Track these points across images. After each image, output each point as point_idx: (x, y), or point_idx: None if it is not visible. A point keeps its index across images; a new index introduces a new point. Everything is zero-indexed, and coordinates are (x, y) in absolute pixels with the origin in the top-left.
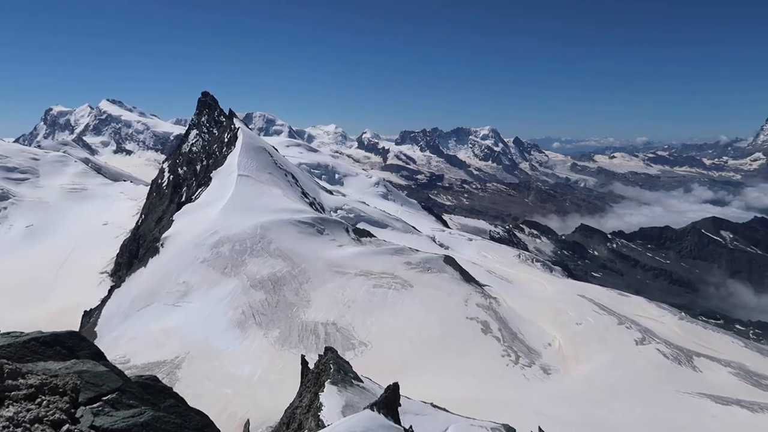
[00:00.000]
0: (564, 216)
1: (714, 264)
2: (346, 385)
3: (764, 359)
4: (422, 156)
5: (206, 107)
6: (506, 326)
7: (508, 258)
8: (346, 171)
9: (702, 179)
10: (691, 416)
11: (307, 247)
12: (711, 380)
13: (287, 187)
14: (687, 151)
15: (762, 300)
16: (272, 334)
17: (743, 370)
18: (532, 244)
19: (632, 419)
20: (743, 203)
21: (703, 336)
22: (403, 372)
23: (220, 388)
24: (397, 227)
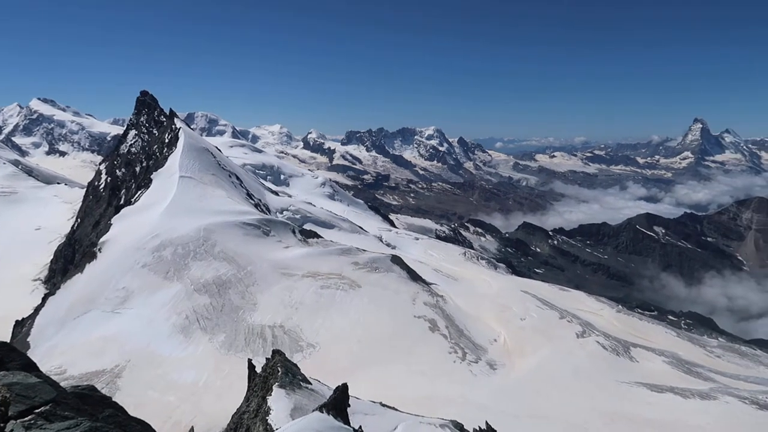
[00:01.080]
0: (507, 214)
1: (648, 258)
2: (294, 387)
3: (695, 348)
4: (368, 156)
5: (145, 107)
6: (453, 323)
7: (454, 256)
8: (292, 171)
9: (636, 177)
10: (629, 404)
11: (253, 249)
12: (647, 369)
13: (231, 188)
14: (622, 151)
15: (692, 291)
16: (218, 338)
17: (676, 358)
18: (477, 243)
19: (574, 409)
20: (674, 200)
21: (639, 327)
22: (352, 372)
23: (164, 396)
24: (344, 227)
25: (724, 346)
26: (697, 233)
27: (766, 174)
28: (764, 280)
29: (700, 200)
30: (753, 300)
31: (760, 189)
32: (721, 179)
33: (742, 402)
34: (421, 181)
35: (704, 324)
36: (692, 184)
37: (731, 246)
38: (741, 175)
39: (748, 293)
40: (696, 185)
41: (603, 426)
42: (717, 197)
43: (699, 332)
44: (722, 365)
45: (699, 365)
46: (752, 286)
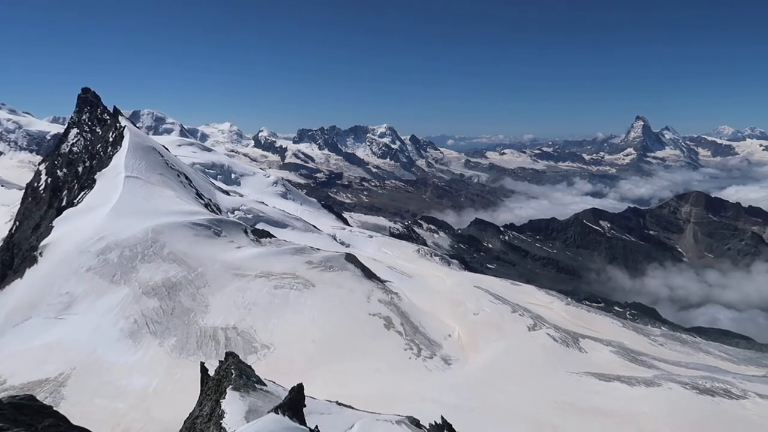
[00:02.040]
0: (460, 211)
1: (595, 252)
2: (249, 390)
3: (639, 337)
4: (321, 154)
5: (87, 104)
6: (408, 320)
7: (407, 253)
8: (243, 170)
9: (582, 173)
10: (578, 393)
11: (204, 250)
12: (595, 359)
13: (180, 188)
14: (569, 148)
15: (636, 283)
16: (168, 342)
17: (622, 348)
18: (431, 239)
19: (527, 400)
20: (618, 195)
21: (587, 319)
22: (308, 372)
23: (112, 404)
24: (298, 227)
25: (667, 334)
26: (640, 227)
27: (703, 169)
28: (702, 270)
29: (642, 195)
30: (692, 290)
31: (698, 183)
32: (662, 174)
33: (683, 388)
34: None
35: (648, 314)
36: (635, 179)
37: (672, 238)
38: (680, 171)
39: (688, 283)
40: (638, 180)
41: (554, 415)
42: (658, 192)
43: (643, 322)
44: (665, 353)
45: (643, 354)
46: (691, 277)
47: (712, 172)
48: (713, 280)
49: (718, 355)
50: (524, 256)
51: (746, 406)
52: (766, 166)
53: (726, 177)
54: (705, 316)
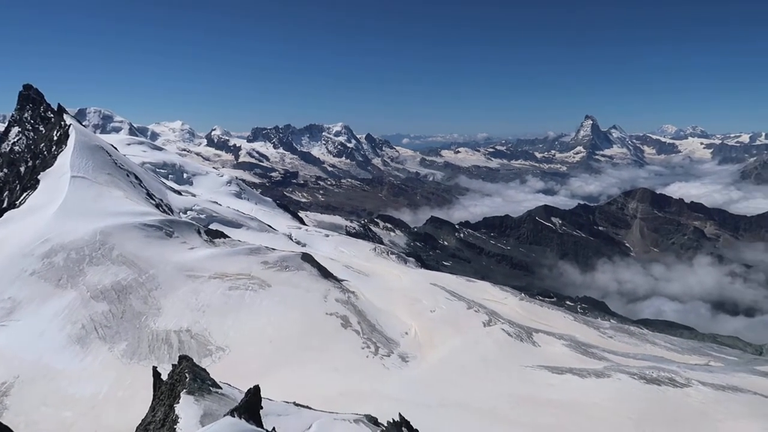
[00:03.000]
0: (415, 209)
1: (547, 248)
2: (203, 393)
3: (590, 330)
4: (276, 153)
5: (30, 102)
6: (365, 319)
7: (364, 252)
8: (196, 170)
9: (535, 171)
10: (532, 387)
11: (155, 252)
12: (548, 353)
13: (130, 188)
14: (521, 146)
15: (586, 278)
16: (119, 347)
17: (574, 341)
18: (387, 238)
19: (483, 394)
20: (569, 192)
21: (540, 313)
22: (265, 373)
23: (59, 412)
24: (252, 226)
25: (616, 327)
26: (589, 223)
27: (649, 167)
28: (648, 264)
29: (591, 192)
30: (639, 283)
31: (644, 180)
32: (610, 172)
33: (631, 378)
34: (330, 177)
35: (598, 307)
36: (585, 176)
37: (619, 234)
38: (627, 168)
39: (635, 277)
40: (588, 178)
41: (510, 409)
42: (606, 189)
43: (593, 315)
44: (614, 345)
45: (594, 346)
46: (638, 270)
47: (657, 170)
48: (658, 273)
49: (663, 346)
50: (479, 253)
51: (690, 394)
52: (707, 163)
53: (670, 174)
54: (651, 308)
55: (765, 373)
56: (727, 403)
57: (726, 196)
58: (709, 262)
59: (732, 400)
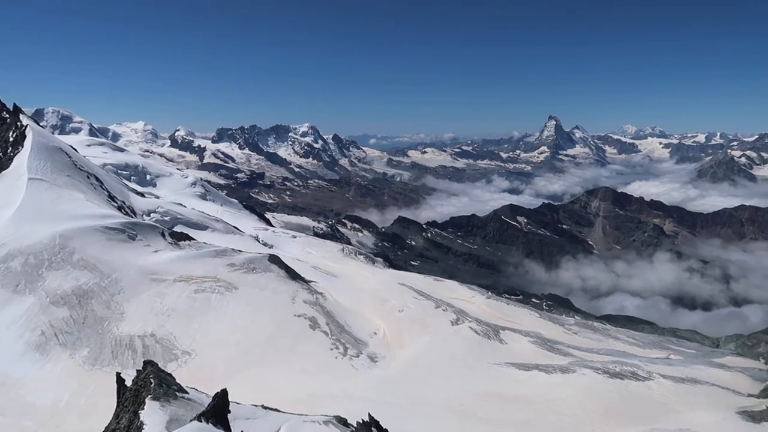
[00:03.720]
0: (383, 209)
1: (513, 246)
2: (169, 398)
3: (555, 327)
4: (241, 154)
5: None
6: (333, 320)
7: (332, 253)
8: (159, 171)
9: (500, 171)
10: (500, 383)
11: (118, 255)
12: (515, 350)
13: (90, 190)
14: (487, 146)
15: (551, 275)
16: (80, 353)
17: (540, 338)
18: (355, 238)
19: (451, 392)
20: (534, 191)
21: (507, 311)
22: (232, 377)
23: (19, 422)
24: (218, 228)
25: (580, 323)
26: (554, 221)
27: (610, 166)
28: (611, 261)
29: (555, 191)
30: (602, 280)
31: (606, 179)
32: (573, 171)
33: (595, 372)
34: (297, 178)
35: (563, 304)
36: (549, 176)
37: (583, 232)
38: (589, 168)
39: (598, 274)
40: (552, 177)
41: (478, 406)
42: (570, 188)
43: (558, 312)
44: (579, 341)
45: (559, 342)
46: (601, 267)
47: (618, 169)
48: (620, 270)
49: (626, 341)
50: (446, 252)
51: (651, 387)
52: (665, 162)
53: (630, 173)
54: (613, 304)
55: (721, 364)
56: (687, 395)
57: (684, 194)
58: (669, 258)
59: (691, 392)
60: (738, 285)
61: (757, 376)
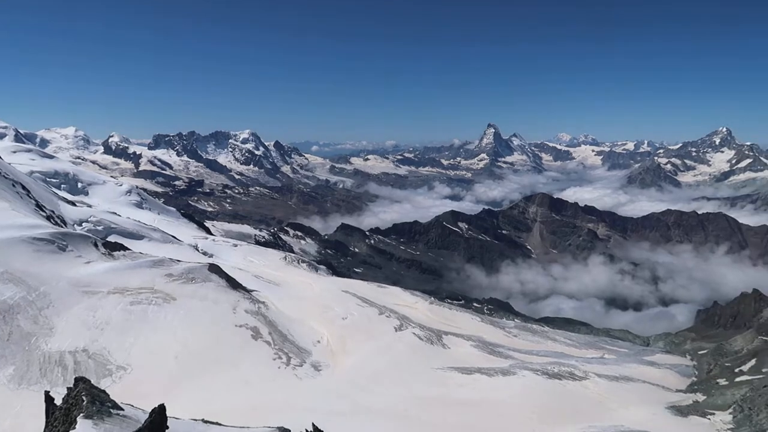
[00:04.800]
0: (326, 216)
1: (455, 252)
2: (103, 416)
3: (496, 330)
4: (179, 161)
5: None
6: (276, 329)
7: (274, 261)
8: (92, 179)
9: (441, 178)
10: (443, 388)
11: (47, 267)
12: (457, 354)
13: (16, 199)
14: (428, 153)
15: (492, 280)
16: (5, 372)
17: (481, 341)
18: (297, 246)
19: (396, 399)
20: (474, 197)
21: (449, 316)
22: (171, 391)
23: None
24: (155, 237)
25: (520, 326)
26: (494, 227)
27: (546, 173)
28: (548, 265)
29: (495, 197)
30: (540, 283)
31: (542, 186)
32: (512, 178)
33: (535, 374)
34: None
35: (503, 308)
36: (488, 182)
37: (521, 237)
38: (527, 174)
39: (537, 278)
40: (491, 184)
41: (421, 411)
42: (509, 194)
43: (499, 315)
44: (519, 343)
45: (500, 345)
46: (539, 271)
47: (554, 175)
48: (557, 273)
49: (563, 342)
50: (389, 258)
51: (587, 386)
52: (598, 169)
53: (565, 179)
54: (551, 306)
55: (651, 362)
56: (620, 392)
57: (615, 200)
58: (602, 261)
59: (624, 390)
60: (665, 286)
61: (683, 372)
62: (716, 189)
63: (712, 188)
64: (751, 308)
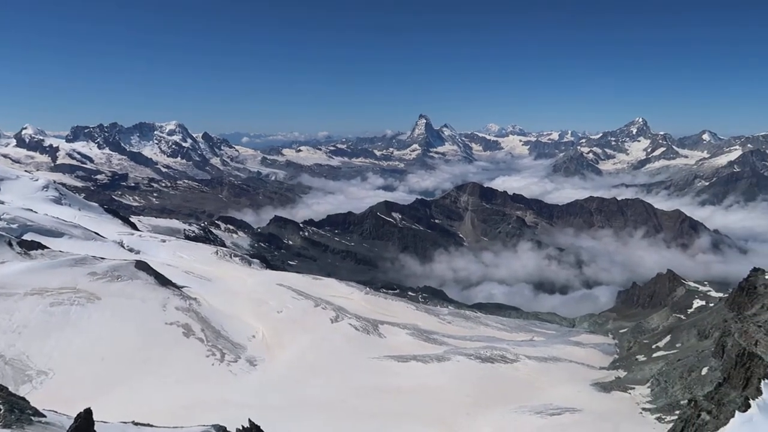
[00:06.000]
0: (258, 209)
1: (389, 242)
2: (23, 424)
3: (431, 318)
4: (101, 154)
5: None
6: (209, 325)
7: (205, 256)
8: (4, 174)
9: (374, 168)
10: (380, 376)
11: None
12: (393, 343)
13: None
14: (361, 144)
15: (426, 268)
16: None
17: (417, 329)
18: (230, 240)
19: (332, 390)
20: (407, 188)
21: (385, 306)
22: (98, 394)
23: None
24: (76, 235)
25: (453, 312)
26: (427, 216)
27: (477, 162)
28: (479, 252)
29: (427, 187)
30: (472, 270)
31: (473, 175)
32: (443, 168)
33: (469, 359)
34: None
35: (437, 296)
36: (421, 173)
37: (454, 225)
38: (458, 164)
39: (469, 265)
40: (424, 174)
41: (359, 401)
42: (441, 184)
43: (433, 303)
44: (453, 329)
45: (435, 332)
46: (471, 259)
47: (484, 165)
48: (488, 260)
49: (495, 326)
50: (324, 250)
51: (518, 368)
52: (525, 158)
53: (495, 169)
54: (483, 292)
55: (577, 342)
56: (549, 373)
57: (542, 188)
58: (530, 247)
59: (552, 370)
60: (589, 269)
61: (606, 350)
62: (634, 176)
63: (630, 176)
64: (666, 288)
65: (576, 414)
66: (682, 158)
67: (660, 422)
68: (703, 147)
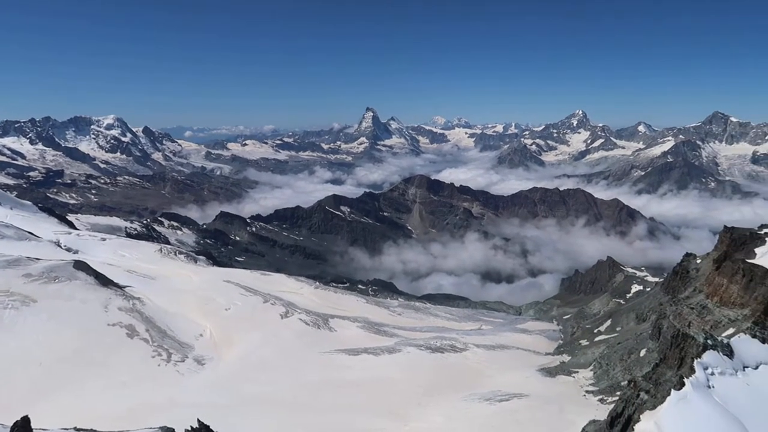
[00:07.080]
0: (203, 205)
1: (338, 236)
2: None
3: (381, 310)
4: (34, 150)
5: None
6: (154, 325)
7: (149, 254)
8: None
9: (322, 162)
10: (331, 371)
11: None
12: (344, 336)
13: None
14: (308, 138)
15: (375, 261)
16: None
17: (367, 322)
18: (174, 237)
19: (284, 386)
20: (355, 181)
21: (335, 299)
22: (36, 401)
23: None
24: (9, 235)
25: (403, 304)
26: (375, 209)
27: (424, 155)
28: (428, 244)
29: (376, 180)
30: (421, 262)
31: (420, 168)
32: (391, 161)
33: (419, 350)
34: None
35: (387, 288)
36: (369, 166)
37: (402, 218)
38: (405, 157)
39: (418, 257)
40: (372, 167)
41: (310, 397)
42: (389, 176)
43: (383, 296)
44: (403, 321)
45: (386, 324)
46: (420, 251)
47: (431, 158)
48: (437, 251)
49: (444, 317)
50: (272, 245)
51: (467, 357)
52: (471, 150)
53: (442, 161)
54: (432, 283)
55: (524, 329)
56: (497, 360)
57: (488, 179)
58: (477, 238)
59: (500, 357)
60: (534, 258)
61: (551, 336)
62: (575, 167)
63: (571, 166)
64: (606, 274)
65: (523, 399)
66: (620, 149)
67: (602, 403)
68: (639, 138)
